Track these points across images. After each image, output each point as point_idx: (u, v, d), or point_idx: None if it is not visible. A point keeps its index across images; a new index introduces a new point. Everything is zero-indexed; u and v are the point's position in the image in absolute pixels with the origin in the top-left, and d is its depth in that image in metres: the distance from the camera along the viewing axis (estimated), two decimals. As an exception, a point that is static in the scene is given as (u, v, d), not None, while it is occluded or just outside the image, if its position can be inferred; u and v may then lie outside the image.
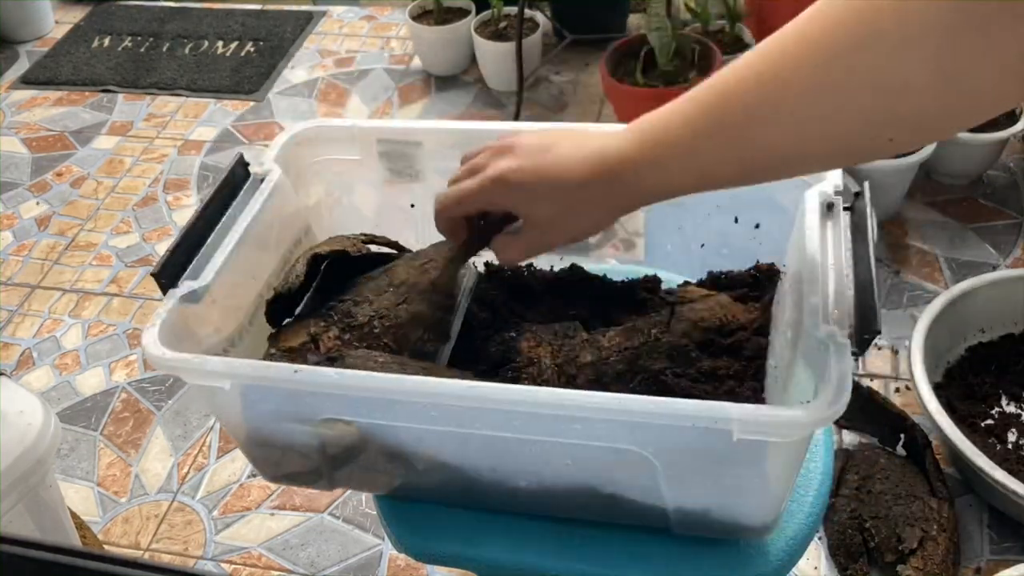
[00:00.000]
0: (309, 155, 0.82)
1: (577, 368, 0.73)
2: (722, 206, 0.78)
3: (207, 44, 2.36)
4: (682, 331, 0.73)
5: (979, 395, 1.31)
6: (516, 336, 0.76)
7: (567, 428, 0.61)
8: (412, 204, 0.85)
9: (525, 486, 0.69)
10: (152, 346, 0.64)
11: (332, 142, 0.82)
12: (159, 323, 0.65)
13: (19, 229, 1.88)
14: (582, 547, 0.72)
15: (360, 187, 0.85)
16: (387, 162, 0.82)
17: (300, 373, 0.62)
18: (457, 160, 0.72)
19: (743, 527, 0.67)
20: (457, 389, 0.60)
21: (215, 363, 0.64)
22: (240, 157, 0.77)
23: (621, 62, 1.81)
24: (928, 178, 1.71)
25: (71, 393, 1.54)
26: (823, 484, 0.75)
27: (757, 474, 0.62)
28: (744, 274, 0.79)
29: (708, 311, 0.75)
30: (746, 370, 0.72)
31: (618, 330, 0.76)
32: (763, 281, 0.78)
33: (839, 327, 0.59)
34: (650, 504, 0.66)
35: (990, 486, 1.13)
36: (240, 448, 0.75)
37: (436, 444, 0.67)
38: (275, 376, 0.63)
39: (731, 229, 0.79)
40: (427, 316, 0.72)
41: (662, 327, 0.74)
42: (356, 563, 1.26)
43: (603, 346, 0.74)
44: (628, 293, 0.81)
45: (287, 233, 0.80)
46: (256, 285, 0.76)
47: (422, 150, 0.81)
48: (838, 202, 0.68)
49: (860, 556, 1.16)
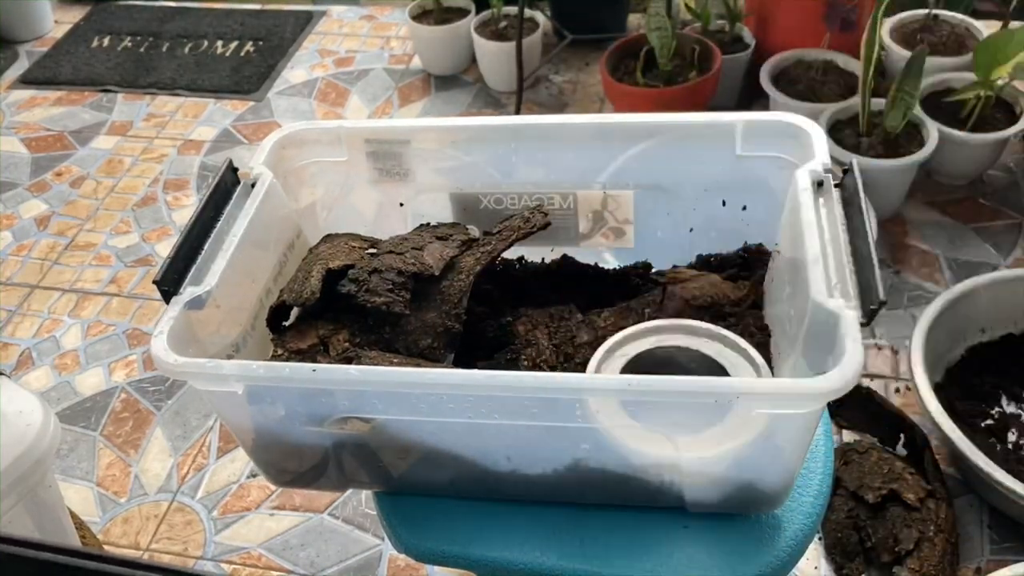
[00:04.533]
0: (296, 158, 0.82)
1: (575, 347, 0.74)
2: (709, 190, 0.79)
3: (207, 44, 2.36)
4: (675, 309, 0.74)
5: (979, 395, 1.31)
6: (512, 321, 0.76)
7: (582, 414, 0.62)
8: (401, 203, 0.85)
9: (540, 473, 0.69)
10: (163, 354, 0.64)
11: (319, 144, 0.82)
12: (167, 330, 0.65)
13: (19, 229, 1.88)
14: (583, 547, 0.72)
15: (349, 187, 0.85)
16: (375, 161, 0.82)
17: (319, 372, 0.62)
18: (446, 158, 0.73)
19: (757, 500, 0.68)
20: (477, 379, 0.61)
21: (230, 367, 0.63)
22: (229, 163, 0.76)
23: (621, 62, 1.81)
24: (928, 178, 1.71)
25: (71, 393, 1.54)
26: (823, 484, 0.75)
27: (772, 446, 0.63)
28: (733, 255, 0.81)
29: (699, 289, 0.76)
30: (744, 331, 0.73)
31: (612, 310, 0.77)
32: (752, 262, 0.79)
33: (845, 298, 0.60)
34: (666, 483, 0.67)
35: (990, 486, 1.13)
36: (248, 454, 0.74)
37: (452, 436, 0.67)
38: (293, 376, 0.63)
39: (719, 212, 0.80)
40: (437, 324, 0.72)
41: (655, 306, 0.75)
42: (356, 563, 1.26)
43: (599, 326, 0.75)
44: (620, 280, 0.82)
45: (281, 236, 0.80)
46: (257, 288, 0.76)
47: (410, 148, 0.81)
48: (828, 179, 0.69)
49: (856, 556, 1.17)
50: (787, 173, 0.72)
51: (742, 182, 0.77)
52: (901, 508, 1.16)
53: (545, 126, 0.79)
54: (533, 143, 0.80)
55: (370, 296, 0.70)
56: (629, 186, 0.81)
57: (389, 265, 0.72)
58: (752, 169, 0.76)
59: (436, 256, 0.74)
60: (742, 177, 0.77)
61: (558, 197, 0.82)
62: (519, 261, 0.85)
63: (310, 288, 0.71)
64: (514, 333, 0.75)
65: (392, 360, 0.68)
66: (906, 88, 1.51)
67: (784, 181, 0.72)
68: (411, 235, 0.79)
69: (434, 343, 0.71)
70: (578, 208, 0.82)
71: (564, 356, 0.73)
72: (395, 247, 0.75)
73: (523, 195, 0.82)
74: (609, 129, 0.78)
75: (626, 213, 0.82)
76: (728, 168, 0.77)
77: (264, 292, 0.77)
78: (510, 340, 0.75)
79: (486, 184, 0.82)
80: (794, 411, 0.59)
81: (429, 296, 0.73)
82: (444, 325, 0.72)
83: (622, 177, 0.80)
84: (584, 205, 0.82)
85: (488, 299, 0.81)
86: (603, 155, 0.79)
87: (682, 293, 0.75)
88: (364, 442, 0.69)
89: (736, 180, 0.77)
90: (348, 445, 0.69)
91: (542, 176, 0.81)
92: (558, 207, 0.82)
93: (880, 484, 1.18)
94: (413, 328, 0.71)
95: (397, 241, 0.77)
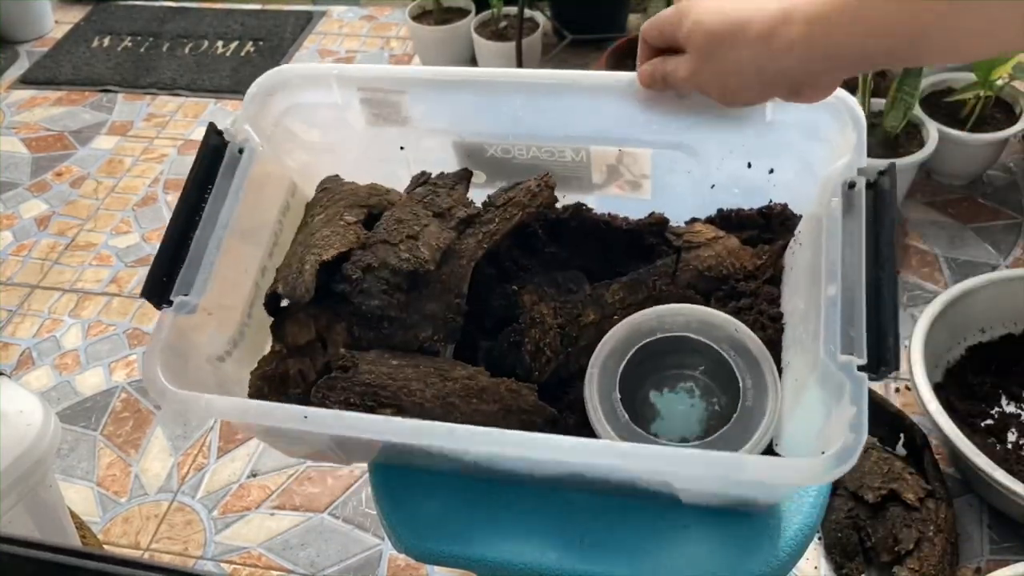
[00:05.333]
0: (284, 101, 0.77)
1: (580, 329, 0.72)
2: (735, 151, 0.74)
3: (207, 44, 2.36)
4: (687, 281, 0.72)
5: (979, 395, 1.31)
6: (518, 290, 0.74)
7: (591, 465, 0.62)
8: (402, 147, 0.81)
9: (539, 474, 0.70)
10: (154, 380, 0.63)
11: (308, 87, 0.77)
12: (158, 348, 0.64)
13: (19, 229, 1.88)
14: (583, 547, 0.72)
15: (341, 131, 0.79)
16: (372, 107, 0.77)
17: (310, 419, 0.61)
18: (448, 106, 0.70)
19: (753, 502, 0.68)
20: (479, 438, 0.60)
21: (222, 405, 0.63)
22: (211, 127, 0.72)
23: (621, 62, 1.81)
24: (928, 178, 1.71)
25: (71, 393, 1.54)
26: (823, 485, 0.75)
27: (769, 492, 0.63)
28: (754, 213, 0.77)
29: (715, 258, 0.73)
30: (756, 322, 0.71)
31: (622, 282, 0.74)
32: (775, 224, 0.75)
33: (857, 355, 0.57)
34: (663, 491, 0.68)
35: (990, 486, 1.13)
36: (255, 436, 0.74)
37: None
38: (284, 419, 0.62)
39: (744, 173, 0.76)
40: (437, 316, 0.71)
41: (667, 278, 0.73)
42: (356, 563, 1.26)
43: (606, 302, 0.73)
44: (634, 239, 0.79)
45: (274, 200, 0.77)
46: (250, 275, 0.75)
47: (408, 98, 0.77)
48: (861, 183, 0.63)
49: (856, 555, 1.16)
50: (818, 146, 0.67)
51: (771, 147, 0.73)
52: (901, 508, 1.16)
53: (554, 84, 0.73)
54: (543, 97, 0.74)
55: (365, 298, 0.69)
56: (647, 144, 0.75)
57: (383, 261, 0.69)
58: (783, 135, 0.70)
59: (432, 246, 0.70)
60: (771, 142, 0.72)
61: (570, 151, 0.77)
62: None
63: (304, 285, 0.69)
64: (520, 303, 0.73)
65: (391, 362, 0.68)
66: (906, 88, 1.51)
67: (815, 153, 0.68)
68: (406, 212, 0.73)
69: (434, 335, 0.70)
70: (591, 163, 0.78)
71: (569, 340, 0.72)
72: (389, 234, 0.71)
73: (531, 146, 0.77)
74: (626, 88, 0.71)
75: (643, 169, 0.78)
76: (756, 133, 0.72)
77: (260, 271, 0.75)
78: (515, 310, 0.73)
79: (493, 133, 0.77)
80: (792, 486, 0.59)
81: (429, 285, 0.71)
82: (444, 317, 0.71)
83: (640, 135, 0.75)
84: (598, 160, 0.78)
85: (495, 253, 0.77)
86: (621, 114, 0.73)
87: (695, 263, 0.72)
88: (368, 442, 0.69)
89: (764, 145, 0.73)
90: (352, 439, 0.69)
91: (552, 129, 0.76)
92: (570, 160, 0.78)
93: (880, 484, 1.18)
94: (412, 321, 0.71)
95: (392, 223, 0.72)
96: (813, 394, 0.62)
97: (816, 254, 0.65)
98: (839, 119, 0.67)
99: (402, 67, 0.86)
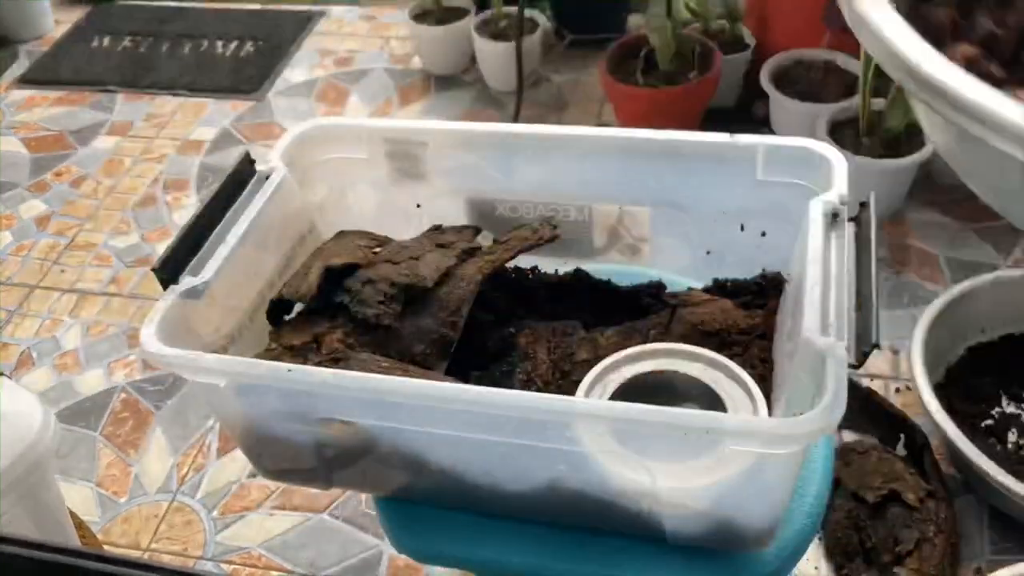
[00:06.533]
0: (315, 153, 0.83)
1: (572, 364, 0.73)
2: (728, 212, 0.78)
3: (207, 44, 2.36)
4: (680, 333, 0.73)
5: (979, 395, 1.31)
6: (515, 332, 0.76)
7: (558, 434, 0.61)
8: (418, 204, 0.85)
9: (518, 490, 0.69)
10: (149, 342, 0.64)
11: (338, 141, 0.83)
12: (158, 319, 0.66)
13: (19, 229, 1.88)
14: (582, 547, 0.72)
15: (364, 185, 0.85)
16: (394, 161, 0.82)
17: (294, 372, 0.62)
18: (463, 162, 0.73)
19: (741, 538, 0.67)
20: (445, 392, 0.60)
21: (209, 360, 0.64)
22: (247, 155, 0.77)
23: (621, 62, 1.81)
24: (928, 178, 1.71)
25: (71, 393, 1.54)
26: (823, 485, 0.75)
27: (753, 484, 0.61)
28: (750, 282, 0.79)
29: (709, 315, 0.74)
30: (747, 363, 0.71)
31: (616, 329, 0.76)
32: (768, 290, 0.78)
33: (837, 338, 0.58)
34: (644, 511, 0.66)
35: (990, 486, 1.13)
36: (238, 444, 0.75)
37: (429, 447, 0.67)
38: (268, 375, 0.63)
39: (737, 237, 0.79)
40: (432, 331, 0.72)
41: (661, 328, 0.74)
42: (356, 563, 1.26)
43: (600, 344, 0.74)
44: (632, 299, 0.81)
45: (291, 230, 0.80)
46: (258, 282, 0.76)
47: (428, 151, 0.81)
48: (843, 211, 0.67)
49: (856, 556, 1.16)
50: (807, 202, 0.70)
51: (762, 208, 0.76)
52: (901, 508, 1.16)
53: (564, 137, 0.79)
54: (551, 153, 0.79)
55: (361, 307, 0.71)
56: (646, 202, 0.80)
57: (383, 276, 0.73)
58: (773, 195, 0.74)
59: (432, 267, 0.74)
60: (762, 202, 0.75)
61: (574, 210, 0.82)
62: (532, 271, 0.84)
63: (308, 285, 0.72)
64: (515, 345, 0.75)
65: (381, 364, 0.68)
66: (906, 88, 1.51)
67: (804, 209, 0.70)
68: (412, 242, 0.78)
69: (427, 350, 0.71)
70: (593, 222, 0.82)
71: (561, 373, 0.73)
72: (393, 255, 0.75)
73: (538, 204, 0.82)
74: (629, 144, 0.77)
75: (642, 231, 0.82)
76: (748, 192, 0.75)
77: (267, 286, 0.77)
78: (511, 351, 0.75)
79: (502, 191, 0.82)
80: (771, 451, 0.57)
81: (427, 303, 0.73)
82: (439, 332, 0.72)
83: (639, 193, 0.80)
84: (600, 219, 0.82)
85: (495, 307, 0.80)
86: (621, 170, 0.78)
87: (690, 317, 0.74)
88: (349, 445, 0.69)
89: (756, 205, 0.76)
90: (332, 446, 0.70)
91: (559, 187, 0.81)
92: (573, 219, 0.82)
93: (880, 484, 1.18)
94: (407, 333, 0.71)
95: (397, 248, 0.77)
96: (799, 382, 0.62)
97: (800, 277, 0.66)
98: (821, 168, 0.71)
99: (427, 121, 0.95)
